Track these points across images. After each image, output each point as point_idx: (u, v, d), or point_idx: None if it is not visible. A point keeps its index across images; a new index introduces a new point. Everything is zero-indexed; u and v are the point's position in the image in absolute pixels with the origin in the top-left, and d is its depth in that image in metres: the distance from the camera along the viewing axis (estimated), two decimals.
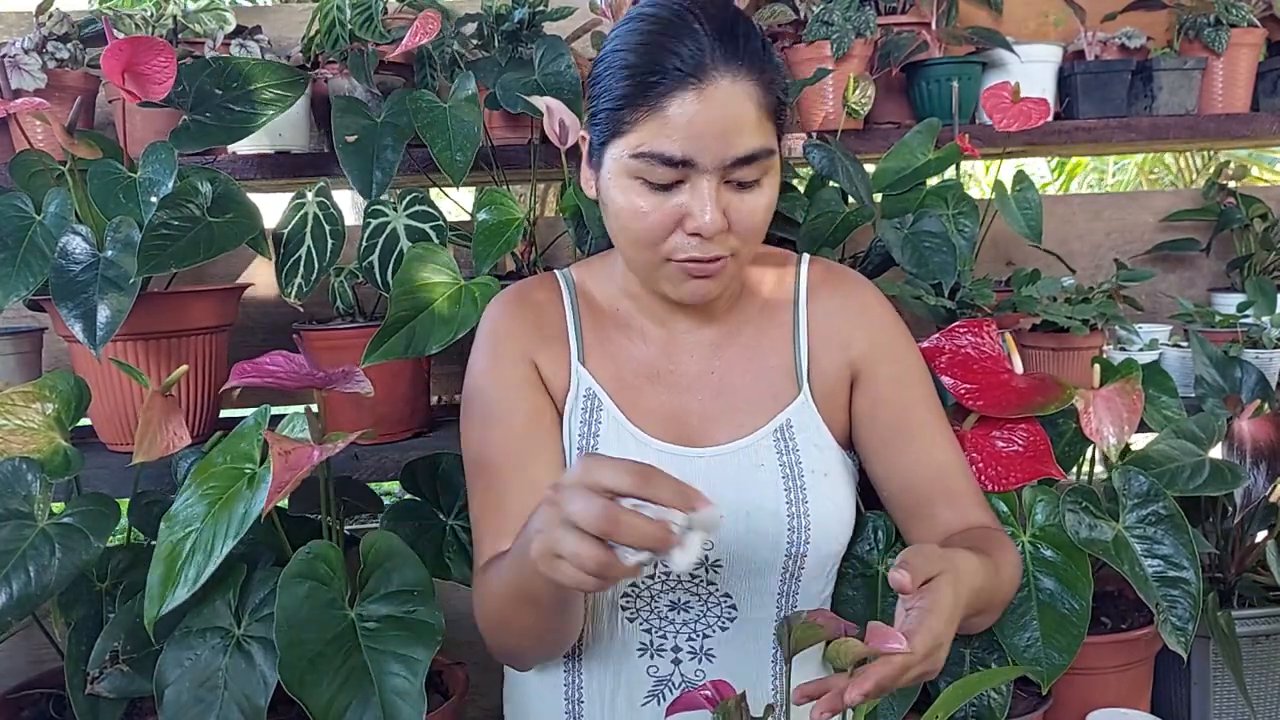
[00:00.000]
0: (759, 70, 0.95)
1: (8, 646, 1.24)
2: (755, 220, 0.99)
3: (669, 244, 0.98)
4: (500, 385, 1.09)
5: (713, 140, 0.93)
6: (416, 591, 0.99)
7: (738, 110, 0.93)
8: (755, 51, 0.95)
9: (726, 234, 0.97)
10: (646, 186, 0.96)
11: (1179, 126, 1.76)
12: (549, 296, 1.14)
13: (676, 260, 0.99)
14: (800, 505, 1.05)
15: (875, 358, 1.11)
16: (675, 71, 0.92)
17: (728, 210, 0.96)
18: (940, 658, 0.82)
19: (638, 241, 0.99)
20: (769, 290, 1.14)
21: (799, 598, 1.09)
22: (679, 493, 0.76)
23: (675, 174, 0.94)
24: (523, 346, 1.10)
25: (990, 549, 1.01)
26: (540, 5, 1.59)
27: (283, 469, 0.94)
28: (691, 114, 0.92)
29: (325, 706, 0.93)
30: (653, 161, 0.94)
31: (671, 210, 0.96)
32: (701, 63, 0.92)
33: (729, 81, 0.92)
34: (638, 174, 0.96)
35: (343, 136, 1.41)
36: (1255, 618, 1.37)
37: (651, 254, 1.00)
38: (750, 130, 0.94)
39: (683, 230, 0.97)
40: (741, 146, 0.94)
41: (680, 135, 0.93)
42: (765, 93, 0.95)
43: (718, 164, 0.94)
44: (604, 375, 1.10)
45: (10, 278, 1.28)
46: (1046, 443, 1.25)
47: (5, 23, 1.75)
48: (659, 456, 1.07)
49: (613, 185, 0.98)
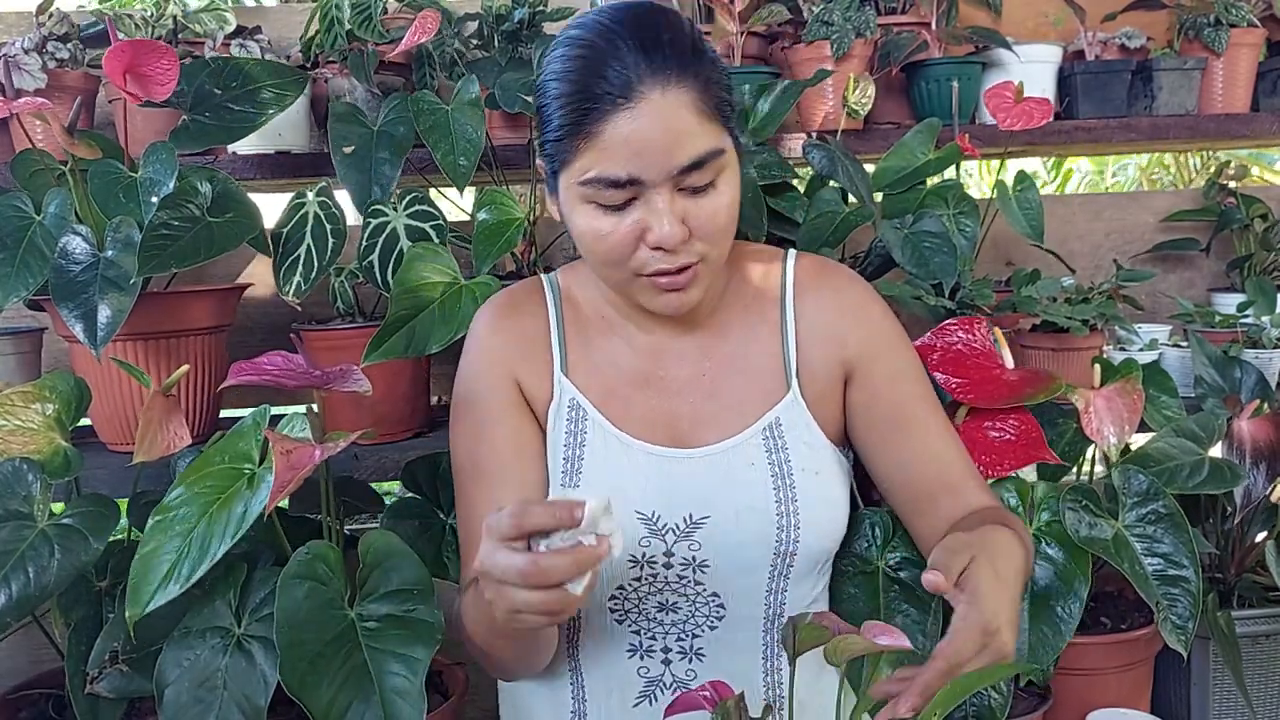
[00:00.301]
0: (691, 75, 0.94)
1: (8, 646, 1.24)
2: (717, 222, 0.98)
3: (635, 260, 0.98)
4: (483, 405, 1.11)
5: (654, 154, 0.93)
6: (416, 591, 0.99)
7: (673, 120, 0.93)
8: (683, 56, 0.94)
9: (690, 241, 0.97)
10: (601, 209, 0.97)
11: (1179, 126, 1.76)
12: (534, 307, 1.14)
13: (646, 275, 0.99)
14: (790, 504, 1.05)
15: (869, 355, 1.11)
16: (606, 96, 0.92)
17: (686, 218, 0.96)
18: (1004, 639, 0.83)
19: (605, 262, 1.00)
20: (755, 289, 1.14)
21: (788, 595, 1.09)
22: (552, 513, 0.79)
23: (625, 193, 0.95)
24: (505, 366, 1.11)
25: (1005, 522, 1.02)
26: (540, 5, 1.59)
27: (285, 468, 0.94)
28: (627, 133, 0.92)
29: (326, 706, 0.93)
30: (599, 186, 0.95)
31: (631, 228, 0.96)
32: (629, 81, 0.92)
33: (659, 94, 0.92)
34: (590, 199, 0.96)
35: (340, 147, 1.41)
36: (1255, 618, 1.37)
37: (621, 271, 1.00)
38: (691, 136, 0.94)
39: (645, 245, 0.97)
40: (684, 155, 0.94)
41: (621, 156, 0.93)
42: (701, 95, 0.95)
43: (664, 176, 0.94)
44: (589, 384, 1.11)
45: (10, 278, 1.28)
46: (1038, 430, 1.26)
47: (5, 23, 1.76)
48: (646, 459, 1.08)
49: (571, 211, 0.99)
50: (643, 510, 1.06)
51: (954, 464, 1.11)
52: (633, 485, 1.07)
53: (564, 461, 1.09)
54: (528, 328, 1.13)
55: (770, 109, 1.54)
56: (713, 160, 0.96)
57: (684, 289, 1.00)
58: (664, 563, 1.06)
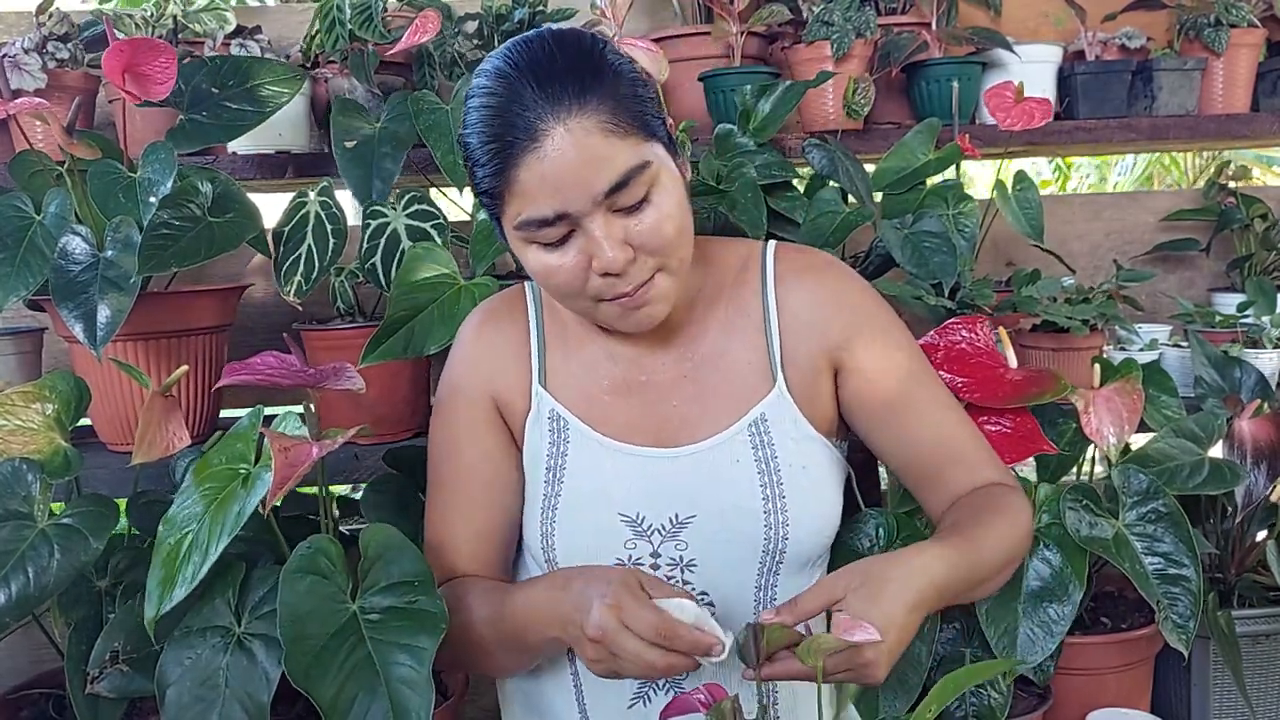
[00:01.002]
0: (594, 99, 0.93)
1: (8, 646, 1.24)
2: (663, 234, 0.97)
3: (590, 288, 0.98)
4: (457, 422, 1.14)
5: (572, 187, 0.92)
6: (417, 582, 0.99)
7: (583, 150, 0.92)
8: (581, 82, 0.93)
9: (638, 259, 0.97)
10: (544, 248, 0.97)
11: (1179, 127, 1.76)
12: (516, 316, 1.16)
13: (606, 300, 0.99)
14: (777, 500, 1.05)
15: (855, 342, 1.10)
16: (515, 142, 0.92)
17: (628, 237, 0.96)
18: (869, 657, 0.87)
19: (563, 295, 1.01)
20: (734, 284, 1.13)
21: (779, 592, 1.08)
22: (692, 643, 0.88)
23: (559, 229, 0.95)
24: (482, 379, 1.14)
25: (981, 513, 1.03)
26: (540, 5, 1.59)
27: (283, 465, 0.94)
28: (541, 173, 0.92)
29: (332, 699, 0.93)
30: (532, 228, 0.95)
31: (577, 260, 0.96)
32: (530, 123, 0.92)
33: (562, 128, 0.91)
34: (530, 240, 0.97)
35: (341, 142, 1.41)
36: (1255, 618, 1.37)
37: (582, 301, 1.00)
38: (605, 161, 0.93)
39: (594, 273, 0.97)
40: (603, 180, 0.93)
41: (542, 196, 0.93)
42: (610, 114, 0.93)
43: (589, 204, 0.93)
44: (568, 393, 1.12)
45: (10, 278, 1.28)
46: (1034, 423, 1.26)
47: (5, 23, 1.75)
48: (629, 461, 1.08)
49: (520, 254, 1.00)
50: (626, 512, 1.06)
51: (957, 437, 1.11)
52: (616, 488, 1.07)
53: (546, 471, 1.11)
54: (509, 338, 1.14)
55: (772, 110, 1.54)
56: (637, 176, 0.94)
57: (647, 304, 1.00)
58: (650, 564, 1.06)
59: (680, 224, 0.99)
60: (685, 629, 0.88)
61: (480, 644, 1.05)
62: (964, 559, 0.97)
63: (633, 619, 0.87)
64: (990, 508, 1.04)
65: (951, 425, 1.11)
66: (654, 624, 0.87)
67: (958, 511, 1.06)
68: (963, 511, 1.05)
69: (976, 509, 1.05)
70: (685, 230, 1.00)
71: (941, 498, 1.10)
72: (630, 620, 0.88)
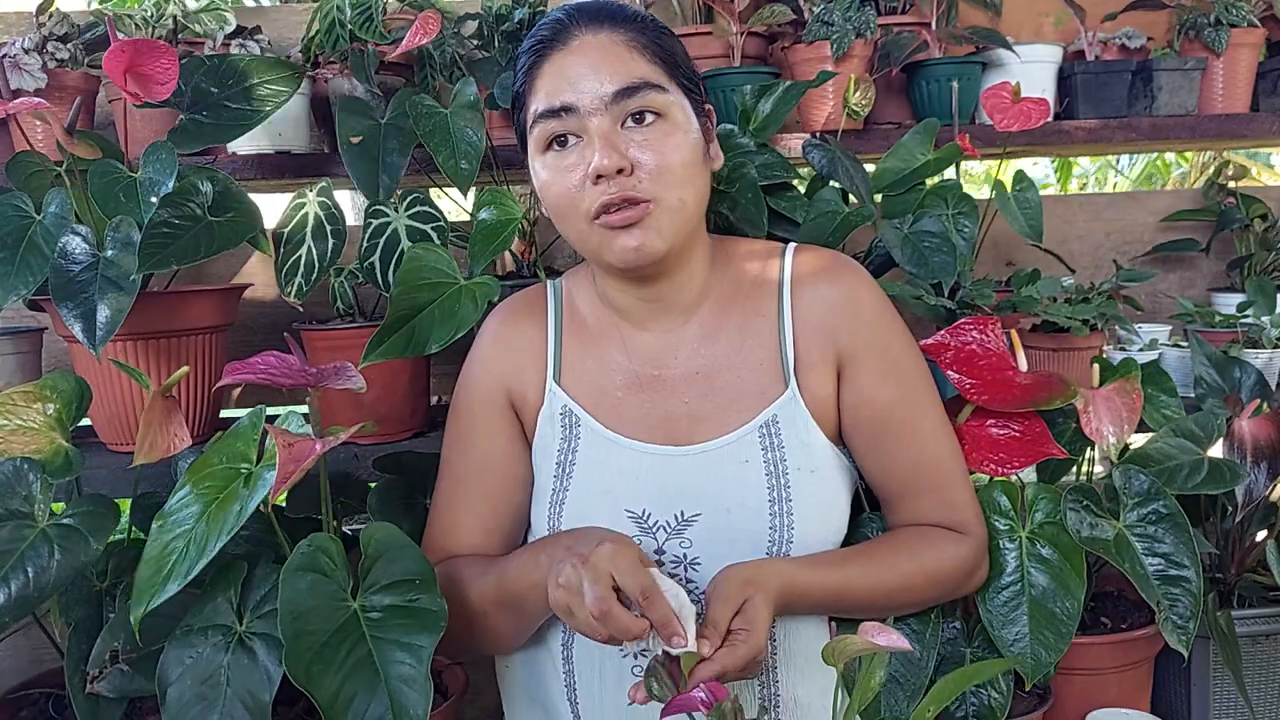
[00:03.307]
0: (627, 24, 1.03)
1: (8, 646, 1.24)
2: (664, 159, 1.01)
3: (585, 201, 1.01)
4: (473, 418, 1.17)
5: (585, 81, 1.00)
6: (418, 580, 1.00)
7: (604, 52, 1.01)
8: (620, 13, 1.04)
9: (634, 175, 1.00)
10: (554, 153, 1.03)
11: (1179, 127, 1.76)
12: (536, 314, 1.19)
13: (598, 217, 1.01)
14: (784, 503, 1.05)
15: (861, 352, 1.10)
16: (545, 41, 1.03)
17: (628, 150, 1.00)
18: None
19: (561, 209, 1.04)
20: (753, 284, 1.14)
21: None
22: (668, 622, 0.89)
23: (567, 123, 1.01)
24: (499, 378, 1.17)
25: (894, 550, 1.09)
26: (540, 5, 1.59)
27: (287, 459, 0.94)
28: (560, 67, 1.01)
29: (332, 696, 0.93)
30: (544, 120, 1.01)
31: (575, 165, 1.01)
32: (563, 25, 1.03)
33: (590, 34, 1.02)
34: (544, 142, 1.03)
35: (347, 137, 1.41)
36: (1255, 618, 1.37)
37: (578, 220, 1.03)
38: (622, 65, 1.00)
39: (589, 182, 1.00)
40: (615, 80, 1.00)
41: (557, 87, 1.01)
42: (638, 38, 1.02)
43: (597, 103, 1.00)
44: (581, 389, 1.13)
45: (10, 277, 1.28)
46: (1043, 426, 1.25)
47: (5, 23, 1.75)
48: (638, 458, 1.08)
49: (535, 165, 1.06)
50: (633, 509, 1.07)
51: (935, 470, 1.13)
52: (621, 484, 1.08)
53: (555, 466, 1.12)
54: (527, 335, 1.17)
55: (772, 110, 1.54)
56: (647, 92, 1.01)
57: (635, 226, 1.01)
58: (655, 560, 1.06)
59: (685, 161, 1.03)
60: (665, 603, 0.89)
61: (478, 612, 1.06)
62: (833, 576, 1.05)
63: (624, 570, 0.90)
64: (908, 544, 1.10)
65: (934, 456, 1.13)
66: (640, 582, 0.89)
67: (883, 538, 1.14)
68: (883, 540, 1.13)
69: (900, 541, 1.11)
70: (689, 170, 1.03)
71: (902, 519, 1.14)
72: (621, 569, 0.90)
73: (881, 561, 1.08)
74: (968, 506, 1.14)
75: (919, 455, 1.12)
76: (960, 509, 1.13)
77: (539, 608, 1.02)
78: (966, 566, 1.13)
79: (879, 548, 1.11)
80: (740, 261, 1.14)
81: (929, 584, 1.10)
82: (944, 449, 1.13)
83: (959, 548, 1.12)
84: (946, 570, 1.11)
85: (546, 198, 1.05)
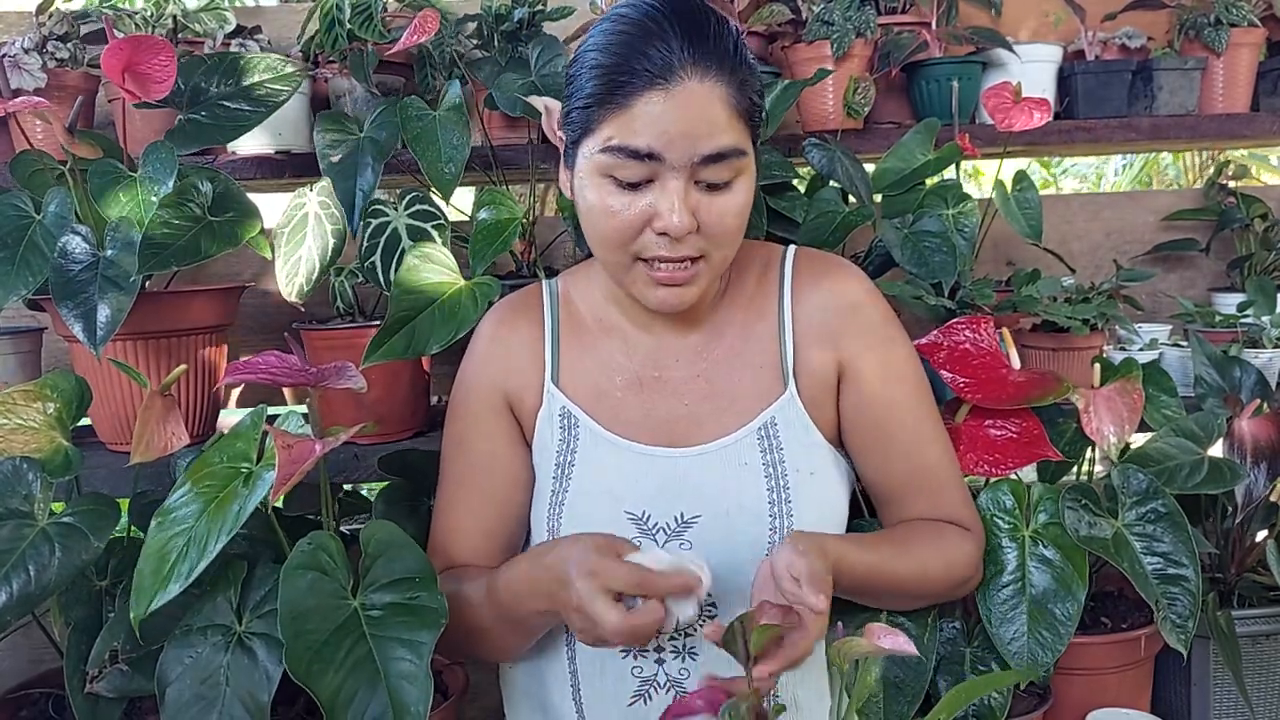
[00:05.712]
0: (729, 72, 0.95)
1: (8, 646, 1.23)
2: (727, 223, 0.98)
3: (638, 243, 0.99)
4: (470, 419, 1.16)
5: (680, 137, 0.94)
6: (418, 578, 1.00)
7: (706, 110, 0.94)
8: (726, 53, 0.96)
9: (696, 235, 0.97)
10: (616, 185, 0.97)
11: (1179, 126, 1.76)
12: (532, 314, 1.17)
13: (645, 260, 0.99)
14: (783, 504, 1.05)
15: (859, 357, 1.11)
16: (644, 73, 0.93)
17: (697, 211, 0.96)
18: None
19: (607, 241, 1.00)
20: (753, 286, 1.14)
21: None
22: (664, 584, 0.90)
23: (643, 170, 0.95)
24: (496, 379, 1.15)
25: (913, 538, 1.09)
26: (540, 5, 1.59)
27: (286, 461, 0.94)
28: (659, 111, 0.93)
29: (333, 694, 0.93)
30: (620, 155, 0.95)
31: (641, 210, 0.97)
32: (670, 64, 0.93)
33: (697, 82, 0.93)
34: (607, 171, 0.97)
35: (327, 157, 1.41)
36: (1255, 618, 1.37)
37: (621, 254, 1.00)
38: (719, 129, 0.95)
39: (651, 230, 0.97)
40: (710, 144, 0.94)
41: (647, 130, 0.94)
42: (736, 94, 0.96)
43: (685, 161, 0.94)
44: (580, 391, 1.12)
45: (10, 277, 1.27)
46: (1040, 428, 1.26)
47: (5, 22, 1.75)
48: (637, 460, 1.08)
49: (585, 184, 0.99)
50: (632, 510, 1.07)
51: (932, 474, 1.13)
52: (621, 486, 1.08)
53: (555, 467, 1.12)
54: (523, 336, 1.16)
55: (770, 109, 1.54)
56: (735, 158, 0.97)
57: (682, 285, 1.00)
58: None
59: (742, 223, 1.01)
60: (661, 577, 0.90)
61: (480, 628, 1.06)
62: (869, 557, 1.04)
63: (610, 578, 0.90)
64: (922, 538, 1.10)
65: (930, 460, 1.13)
66: (629, 579, 0.90)
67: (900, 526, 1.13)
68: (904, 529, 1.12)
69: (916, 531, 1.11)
70: (741, 231, 1.02)
71: (896, 519, 1.14)
72: (608, 580, 0.90)
73: (907, 546, 1.08)
74: (964, 509, 1.15)
75: (917, 458, 1.12)
76: (956, 512, 1.13)
77: (536, 619, 1.03)
78: (973, 562, 1.14)
79: (901, 533, 1.11)
80: (741, 265, 1.14)
81: (944, 574, 1.11)
82: (940, 452, 1.14)
83: (968, 543, 1.13)
84: (960, 563, 1.12)
85: (589, 218, 1.01)
